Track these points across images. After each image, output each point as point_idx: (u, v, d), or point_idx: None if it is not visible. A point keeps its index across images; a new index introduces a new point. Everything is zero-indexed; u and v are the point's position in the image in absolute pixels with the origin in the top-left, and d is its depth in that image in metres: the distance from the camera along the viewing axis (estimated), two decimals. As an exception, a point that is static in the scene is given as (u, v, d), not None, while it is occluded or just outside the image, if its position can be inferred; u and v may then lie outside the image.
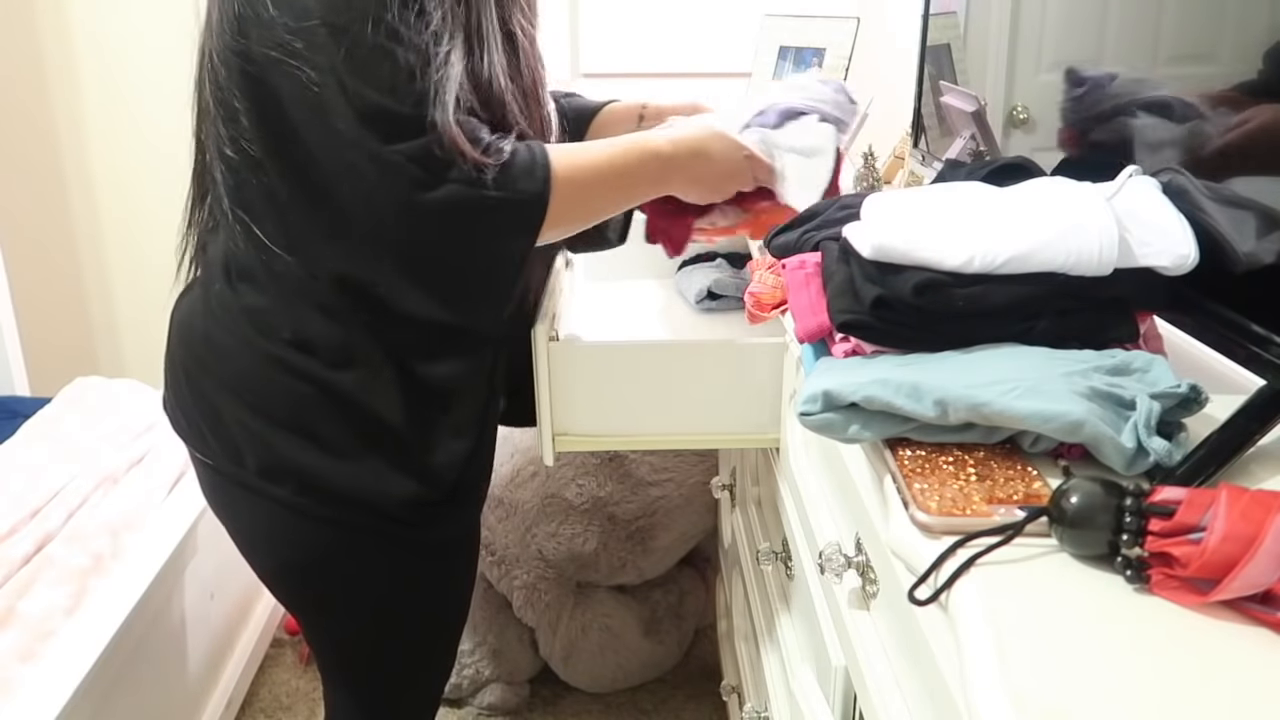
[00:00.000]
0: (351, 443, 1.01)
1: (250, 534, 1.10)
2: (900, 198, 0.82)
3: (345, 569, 1.08)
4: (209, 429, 1.04)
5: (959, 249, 0.74)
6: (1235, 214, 0.71)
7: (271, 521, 1.05)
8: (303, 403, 1.00)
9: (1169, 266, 0.72)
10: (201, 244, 1.06)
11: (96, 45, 2.37)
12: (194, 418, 1.06)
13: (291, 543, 1.06)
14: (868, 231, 0.78)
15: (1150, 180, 0.77)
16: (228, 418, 1.03)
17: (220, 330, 1.02)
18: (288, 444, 1.01)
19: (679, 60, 2.27)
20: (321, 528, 1.04)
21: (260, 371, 1.00)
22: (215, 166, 0.97)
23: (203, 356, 1.04)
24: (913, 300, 0.74)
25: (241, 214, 0.97)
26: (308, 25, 0.87)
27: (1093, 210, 0.73)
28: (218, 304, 1.02)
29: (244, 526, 1.10)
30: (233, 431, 1.02)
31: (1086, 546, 0.56)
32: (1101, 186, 0.76)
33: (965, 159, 1.20)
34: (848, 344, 0.78)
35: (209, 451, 1.05)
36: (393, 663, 1.18)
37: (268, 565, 1.12)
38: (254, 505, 1.05)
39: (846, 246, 0.82)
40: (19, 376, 2.29)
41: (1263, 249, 0.68)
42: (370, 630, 1.14)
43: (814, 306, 0.83)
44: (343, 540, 1.05)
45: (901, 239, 0.76)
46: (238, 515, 1.09)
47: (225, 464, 1.04)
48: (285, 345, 0.99)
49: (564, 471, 1.79)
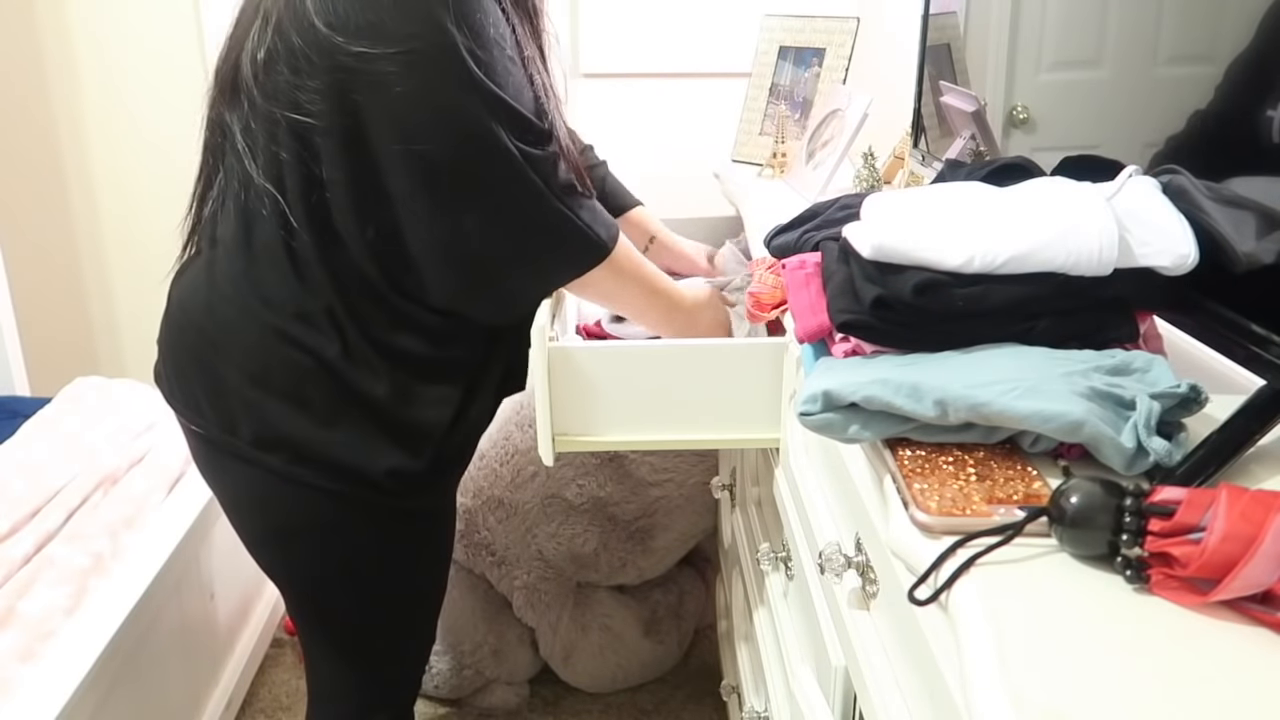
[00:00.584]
0: (342, 412, 1.06)
1: (240, 501, 1.14)
2: (900, 198, 0.82)
3: (331, 536, 1.12)
4: (207, 399, 1.08)
5: (959, 249, 0.73)
6: (1235, 214, 0.71)
7: (264, 489, 1.09)
8: (301, 374, 1.04)
9: (1169, 266, 0.72)
10: (209, 221, 1.09)
11: (96, 45, 2.37)
12: (191, 388, 1.09)
13: (281, 510, 1.10)
14: (868, 231, 0.78)
15: (1150, 180, 0.77)
16: (227, 388, 1.06)
17: (224, 303, 1.06)
18: (281, 414, 1.05)
19: (679, 60, 2.27)
20: (310, 495, 1.08)
21: (263, 343, 1.04)
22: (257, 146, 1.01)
23: (205, 328, 1.07)
24: (913, 300, 0.74)
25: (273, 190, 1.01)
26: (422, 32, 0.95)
27: (1092, 210, 0.73)
28: (224, 278, 1.05)
29: (234, 494, 1.13)
30: (230, 402, 1.06)
31: (1086, 546, 0.56)
32: (1101, 186, 0.76)
33: (965, 159, 1.19)
34: (848, 344, 0.78)
35: (203, 422, 1.09)
36: (374, 631, 1.21)
37: (255, 531, 1.15)
38: (246, 474, 1.09)
39: (846, 246, 0.82)
40: (19, 376, 2.29)
41: (1262, 249, 0.68)
42: (352, 597, 1.18)
43: (814, 306, 0.83)
44: (329, 508, 1.09)
45: (901, 239, 0.75)
46: (228, 483, 1.13)
47: (219, 433, 1.08)
48: (290, 318, 1.03)
49: (564, 472, 1.79)
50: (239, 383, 1.05)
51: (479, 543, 1.81)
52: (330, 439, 1.06)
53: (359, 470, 1.07)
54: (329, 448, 1.06)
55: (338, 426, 1.06)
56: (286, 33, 0.98)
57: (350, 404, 1.06)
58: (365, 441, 1.07)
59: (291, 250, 1.02)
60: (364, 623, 1.20)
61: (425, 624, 1.28)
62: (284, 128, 0.99)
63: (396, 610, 1.22)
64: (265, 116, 1.00)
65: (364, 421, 1.06)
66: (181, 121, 1.06)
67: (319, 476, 1.07)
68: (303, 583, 1.18)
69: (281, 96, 0.99)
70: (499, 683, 1.89)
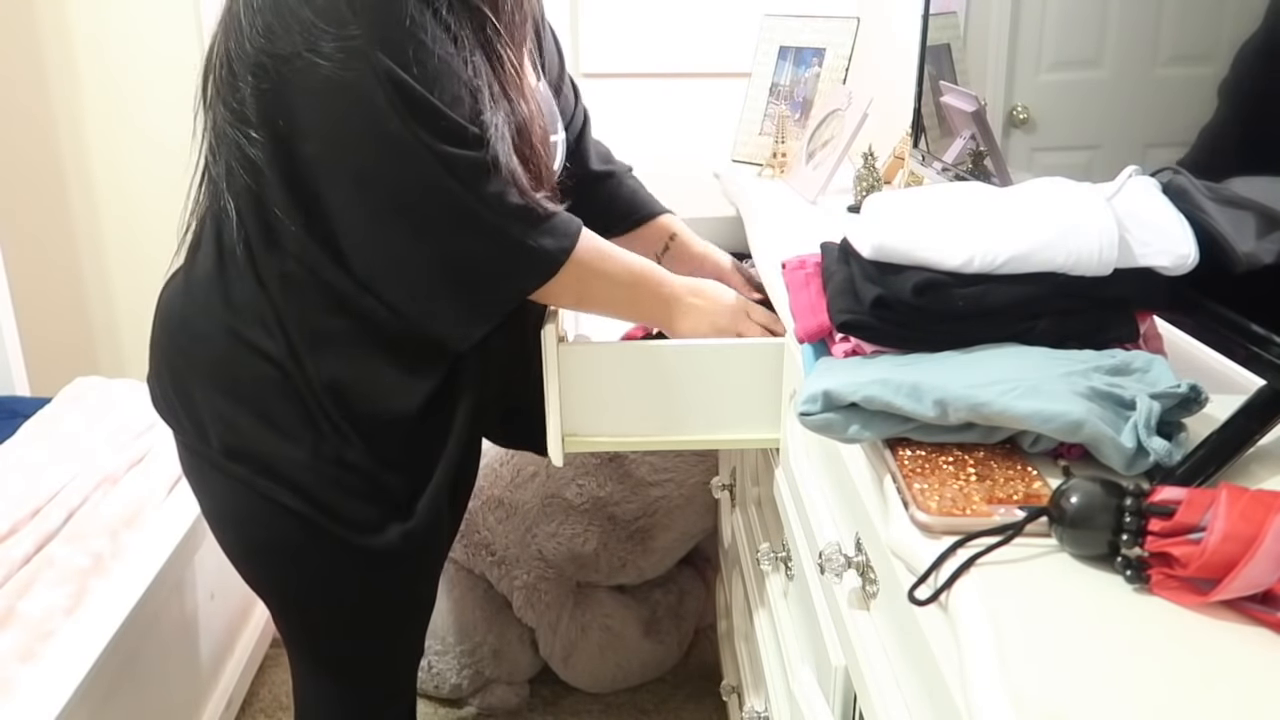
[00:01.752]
0: (304, 432, 1.04)
1: (216, 512, 1.13)
2: (900, 198, 0.82)
3: (299, 557, 1.09)
4: (182, 407, 1.08)
5: (959, 249, 0.74)
6: (1235, 214, 0.71)
7: (235, 500, 1.08)
8: (265, 384, 1.03)
9: (1169, 266, 0.72)
10: (197, 229, 1.09)
11: (96, 45, 2.37)
12: (169, 396, 1.09)
13: (251, 522, 1.09)
14: (867, 231, 0.78)
15: (1150, 180, 0.77)
16: (198, 396, 1.06)
17: (197, 312, 1.06)
18: (249, 425, 1.04)
19: (679, 60, 2.27)
20: (278, 512, 1.06)
21: (230, 351, 1.04)
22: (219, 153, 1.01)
23: (177, 337, 1.08)
24: (912, 300, 0.74)
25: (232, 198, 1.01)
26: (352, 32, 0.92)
27: (1092, 210, 0.73)
28: (197, 287, 1.06)
29: (211, 504, 1.13)
30: (200, 410, 1.06)
31: (1086, 546, 0.56)
32: (1101, 186, 0.76)
33: (965, 159, 1.20)
34: (848, 344, 0.79)
35: (182, 429, 1.09)
36: (353, 652, 1.19)
37: (230, 543, 1.14)
38: (221, 484, 1.08)
39: (846, 247, 0.83)
40: (19, 376, 2.29)
41: (1262, 249, 0.68)
42: (327, 619, 1.15)
43: (814, 307, 0.84)
44: (296, 529, 1.06)
45: (901, 239, 0.76)
46: (206, 493, 1.12)
47: (195, 442, 1.08)
48: (258, 328, 1.03)
49: (564, 472, 1.79)
50: (210, 392, 1.05)
51: (479, 542, 1.81)
52: (293, 456, 1.03)
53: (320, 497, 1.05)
54: (292, 467, 1.04)
55: (301, 444, 1.04)
56: (229, 43, 0.98)
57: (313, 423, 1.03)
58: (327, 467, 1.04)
59: (252, 258, 1.02)
60: (345, 641, 1.18)
61: (410, 641, 1.25)
62: (230, 137, 0.99)
63: (378, 631, 1.19)
64: (220, 126, 1.01)
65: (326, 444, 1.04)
66: (181, 122, 1.06)
67: (284, 494, 1.05)
68: (280, 600, 1.16)
69: (228, 106, 0.99)
70: (499, 683, 1.89)
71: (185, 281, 1.08)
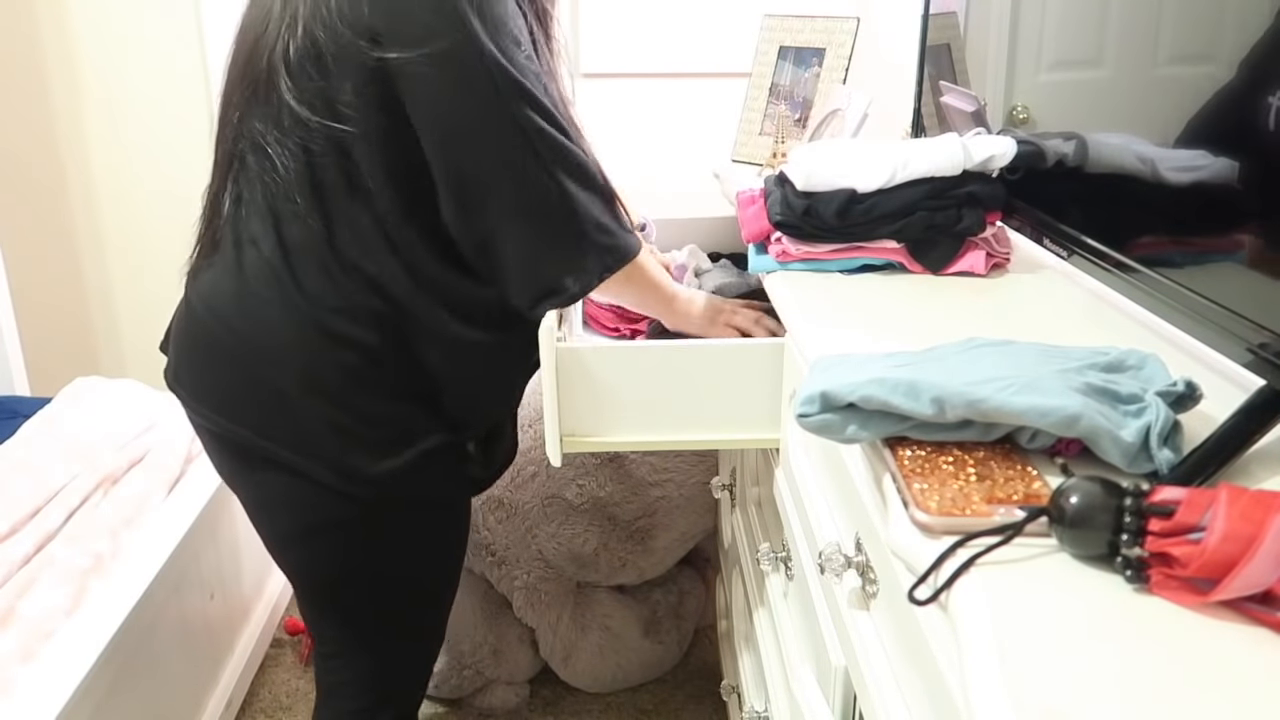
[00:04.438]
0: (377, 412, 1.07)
1: (266, 502, 1.14)
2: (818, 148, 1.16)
3: (354, 533, 1.13)
4: (242, 400, 1.07)
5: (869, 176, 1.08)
6: (1055, 141, 1.03)
7: (293, 493, 1.09)
8: (343, 373, 1.04)
9: (998, 154, 1.07)
10: (230, 221, 1.06)
11: (97, 47, 2.37)
12: (221, 389, 1.08)
13: (308, 510, 1.11)
14: (800, 169, 1.11)
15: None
16: (263, 388, 1.05)
17: (262, 304, 1.04)
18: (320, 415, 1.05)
19: (679, 60, 2.27)
20: (335, 497, 1.09)
21: (305, 341, 1.04)
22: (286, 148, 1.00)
23: (239, 328, 1.05)
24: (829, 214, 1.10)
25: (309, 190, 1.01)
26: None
27: (947, 138, 1.09)
28: (259, 279, 1.04)
29: (262, 496, 1.13)
30: (268, 403, 1.06)
31: (1086, 546, 0.56)
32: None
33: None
34: (780, 245, 1.14)
35: (234, 424, 1.08)
36: (391, 623, 1.23)
37: (280, 532, 1.16)
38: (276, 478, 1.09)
39: (783, 178, 1.16)
40: (19, 376, 2.29)
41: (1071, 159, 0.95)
42: (372, 589, 1.19)
43: (758, 217, 1.17)
44: (356, 510, 1.10)
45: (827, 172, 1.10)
46: (256, 485, 1.13)
47: (252, 436, 1.07)
48: (332, 313, 1.03)
49: (564, 472, 1.79)
50: (279, 383, 1.05)
51: (479, 543, 1.81)
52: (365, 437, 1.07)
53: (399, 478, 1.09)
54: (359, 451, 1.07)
55: (376, 425, 1.07)
56: (314, 35, 0.97)
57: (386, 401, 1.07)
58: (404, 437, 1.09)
59: (334, 249, 1.02)
60: (381, 613, 1.22)
61: (438, 618, 1.30)
62: (316, 130, 0.99)
63: (414, 602, 1.24)
64: (295, 118, 0.99)
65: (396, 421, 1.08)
66: (182, 122, 1.06)
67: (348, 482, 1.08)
68: (324, 578, 1.19)
69: (313, 100, 0.98)
70: (499, 683, 1.89)
71: (237, 274, 1.05)
